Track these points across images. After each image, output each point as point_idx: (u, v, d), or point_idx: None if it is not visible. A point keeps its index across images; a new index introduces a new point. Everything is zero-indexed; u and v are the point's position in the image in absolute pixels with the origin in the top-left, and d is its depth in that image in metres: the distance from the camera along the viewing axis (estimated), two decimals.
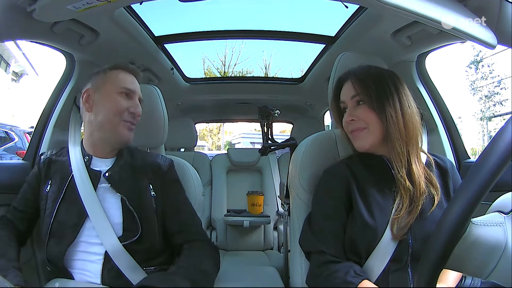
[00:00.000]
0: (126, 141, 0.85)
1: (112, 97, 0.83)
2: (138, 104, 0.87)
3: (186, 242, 0.82)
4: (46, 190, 0.83)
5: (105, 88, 0.84)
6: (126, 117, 0.83)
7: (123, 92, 0.84)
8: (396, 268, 0.68)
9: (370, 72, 0.78)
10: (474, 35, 0.69)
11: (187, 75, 1.91)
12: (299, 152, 0.88)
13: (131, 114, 0.84)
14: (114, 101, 0.83)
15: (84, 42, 1.10)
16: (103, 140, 0.85)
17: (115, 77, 0.85)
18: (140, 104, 0.88)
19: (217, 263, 0.82)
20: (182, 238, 0.83)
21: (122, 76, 0.86)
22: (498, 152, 0.36)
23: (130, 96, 0.85)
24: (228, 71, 10.38)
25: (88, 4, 0.79)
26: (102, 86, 0.84)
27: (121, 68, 0.87)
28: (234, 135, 17.76)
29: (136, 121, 0.86)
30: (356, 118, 0.76)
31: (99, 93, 0.84)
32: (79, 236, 0.77)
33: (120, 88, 0.84)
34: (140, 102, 0.88)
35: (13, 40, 0.97)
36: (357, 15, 1.18)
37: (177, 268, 0.74)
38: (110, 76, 0.85)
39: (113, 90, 0.84)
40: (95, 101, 0.84)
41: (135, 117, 0.85)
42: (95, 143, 0.85)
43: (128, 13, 1.13)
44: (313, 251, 0.74)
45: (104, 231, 0.76)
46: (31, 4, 0.81)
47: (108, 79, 0.85)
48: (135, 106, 0.85)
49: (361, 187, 0.74)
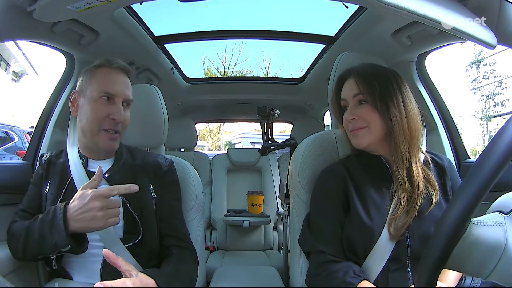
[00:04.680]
0: (108, 151, 0.81)
1: (91, 102, 0.78)
2: (120, 109, 0.79)
3: (176, 246, 0.81)
4: (45, 191, 0.82)
5: (87, 91, 0.79)
6: (106, 125, 0.78)
7: (102, 97, 0.78)
8: (395, 268, 0.68)
9: (373, 70, 0.77)
10: (474, 35, 0.69)
11: (187, 75, 1.91)
12: (299, 152, 0.88)
13: (111, 121, 0.78)
14: (93, 108, 0.77)
15: (84, 42, 1.10)
16: (90, 146, 0.82)
17: (98, 78, 0.79)
18: (126, 107, 0.81)
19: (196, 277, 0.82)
20: (172, 242, 0.81)
21: (105, 77, 0.79)
22: (498, 152, 0.36)
23: (112, 101, 0.79)
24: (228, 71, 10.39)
25: (88, 4, 0.79)
26: (85, 89, 0.80)
27: (107, 66, 0.81)
28: (234, 135, 17.77)
29: (120, 128, 0.80)
30: (358, 117, 0.75)
31: (83, 97, 0.80)
32: None
33: (99, 93, 0.78)
34: (128, 104, 0.82)
35: (13, 40, 0.97)
36: (357, 15, 1.18)
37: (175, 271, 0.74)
38: (94, 77, 0.80)
39: (93, 95, 0.78)
40: (79, 105, 0.81)
41: (116, 125, 0.79)
42: (86, 147, 0.83)
43: (128, 13, 1.13)
44: (313, 251, 0.74)
45: (105, 233, 0.74)
46: (31, 4, 0.81)
47: (91, 81, 0.79)
48: (116, 111, 0.78)
49: (358, 187, 0.73)
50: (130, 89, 0.84)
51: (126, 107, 0.83)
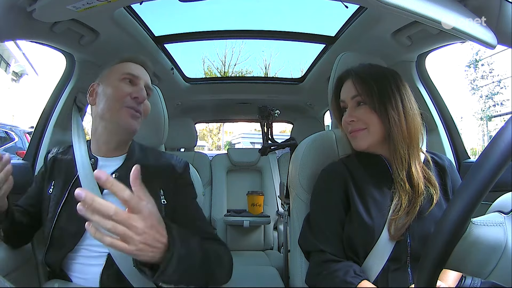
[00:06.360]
0: (129, 129, 0.78)
1: (114, 84, 0.78)
2: (143, 88, 0.80)
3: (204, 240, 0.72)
4: (49, 191, 0.80)
5: (109, 78, 0.80)
6: (129, 102, 0.77)
7: (126, 78, 0.79)
8: (395, 268, 0.68)
9: (372, 71, 0.77)
10: (474, 35, 0.69)
11: (187, 75, 1.91)
12: (299, 152, 0.88)
13: (134, 99, 0.77)
14: (116, 87, 0.78)
15: (84, 42, 1.10)
16: (106, 132, 0.79)
17: (120, 67, 0.82)
18: (147, 92, 0.82)
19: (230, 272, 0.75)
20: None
21: (128, 65, 0.82)
22: (498, 152, 0.36)
23: (134, 82, 0.80)
24: (228, 71, 10.40)
25: (88, 4, 0.79)
26: (106, 78, 0.81)
27: (128, 60, 0.84)
28: (234, 135, 17.77)
29: (142, 110, 0.79)
30: (356, 118, 0.75)
31: (103, 84, 0.81)
32: (79, 243, 0.74)
33: (123, 74, 0.79)
34: (148, 91, 0.82)
35: (13, 40, 0.97)
36: (357, 15, 1.18)
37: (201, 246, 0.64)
38: (116, 67, 0.82)
39: (116, 78, 0.79)
40: (97, 93, 0.81)
41: (139, 103, 0.78)
42: (99, 139, 0.80)
43: (128, 13, 1.13)
44: (313, 250, 0.74)
45: None
46: (31, 4, 0.81)
47: (113, 69, 0.82)
48: (138, 90, 0.78)
49: (358, 186, 0.73)
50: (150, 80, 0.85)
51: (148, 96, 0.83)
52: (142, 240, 0.50)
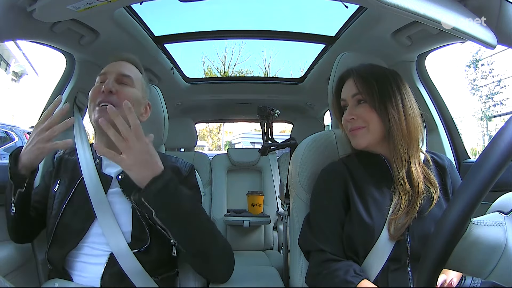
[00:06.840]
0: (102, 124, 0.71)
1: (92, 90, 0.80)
2: (110, 80, 0.78)
3: None
4: (54, 189, 0.81)
5: None
6: (98, 99, 0.77)
7: (99, 80, 0.81)
8: (395, 268, 0.68)
9: (373, 70, 0.78)
10: (474, 35, 0.69)
11: (187, 75, 1.91)
12: (299, 152, 0.88)
13: (102, 93, 0.77)
14: (90, 92, 0.80)
15: (84, 42, 1.10)
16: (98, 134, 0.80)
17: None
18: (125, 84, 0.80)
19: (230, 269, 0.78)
20: None
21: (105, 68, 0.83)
22: (498, 152, 0.36)
23: (104, 79, 0.80)
24: (228, 71, 10.40)
25: (88, 4, 0.79)
26: None
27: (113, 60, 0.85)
28: (234, 135, 17.78)
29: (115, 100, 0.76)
30: (356, 116, 0.75)
31: None
32: (82, 241, 0.74)
33: (97, 77, 0.82)
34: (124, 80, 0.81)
35: (13, 40, 0.97)
36: (357, 15, 1.18)
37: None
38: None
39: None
40: None
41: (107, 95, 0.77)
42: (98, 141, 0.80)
43: (128, 13, 1.13)
44: (313, 250, 0.74)
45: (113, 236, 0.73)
46: (31, 4, 0.81)
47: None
48: (105, 84, 0.77)
49: (358, 186, 0.73)
50: (129, 69, 0.84)
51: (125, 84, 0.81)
52: (140, 158, 0.61)
